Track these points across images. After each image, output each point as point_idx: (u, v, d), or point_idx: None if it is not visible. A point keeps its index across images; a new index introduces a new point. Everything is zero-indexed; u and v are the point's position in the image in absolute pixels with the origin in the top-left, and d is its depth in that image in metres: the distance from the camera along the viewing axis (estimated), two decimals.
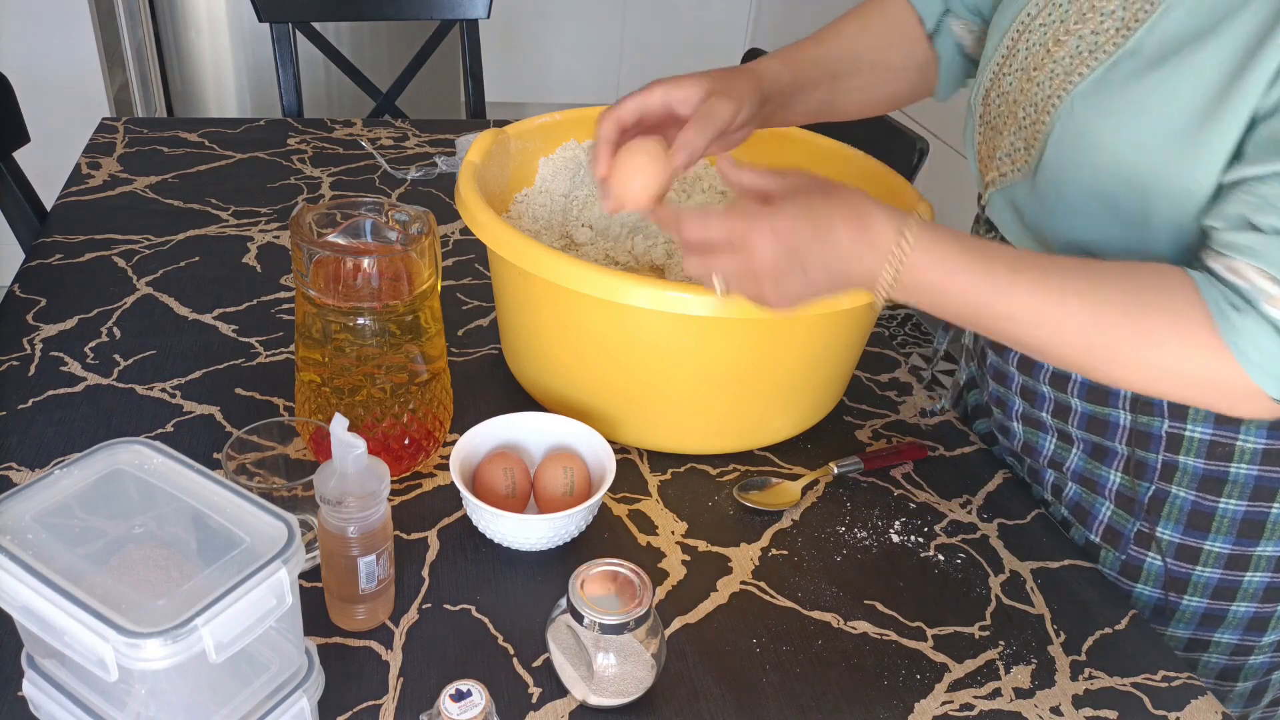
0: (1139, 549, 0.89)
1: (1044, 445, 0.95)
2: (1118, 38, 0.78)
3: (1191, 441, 0.84)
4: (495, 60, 3.72)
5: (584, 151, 1.18)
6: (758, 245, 0.71)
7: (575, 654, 0.71)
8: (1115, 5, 0.79)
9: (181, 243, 1.28)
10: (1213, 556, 0.86)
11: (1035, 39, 0.85)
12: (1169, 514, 0.86)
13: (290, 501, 0.79)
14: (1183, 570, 0.87)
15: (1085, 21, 0.81)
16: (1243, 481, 0.83)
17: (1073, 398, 0.89)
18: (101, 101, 2.58)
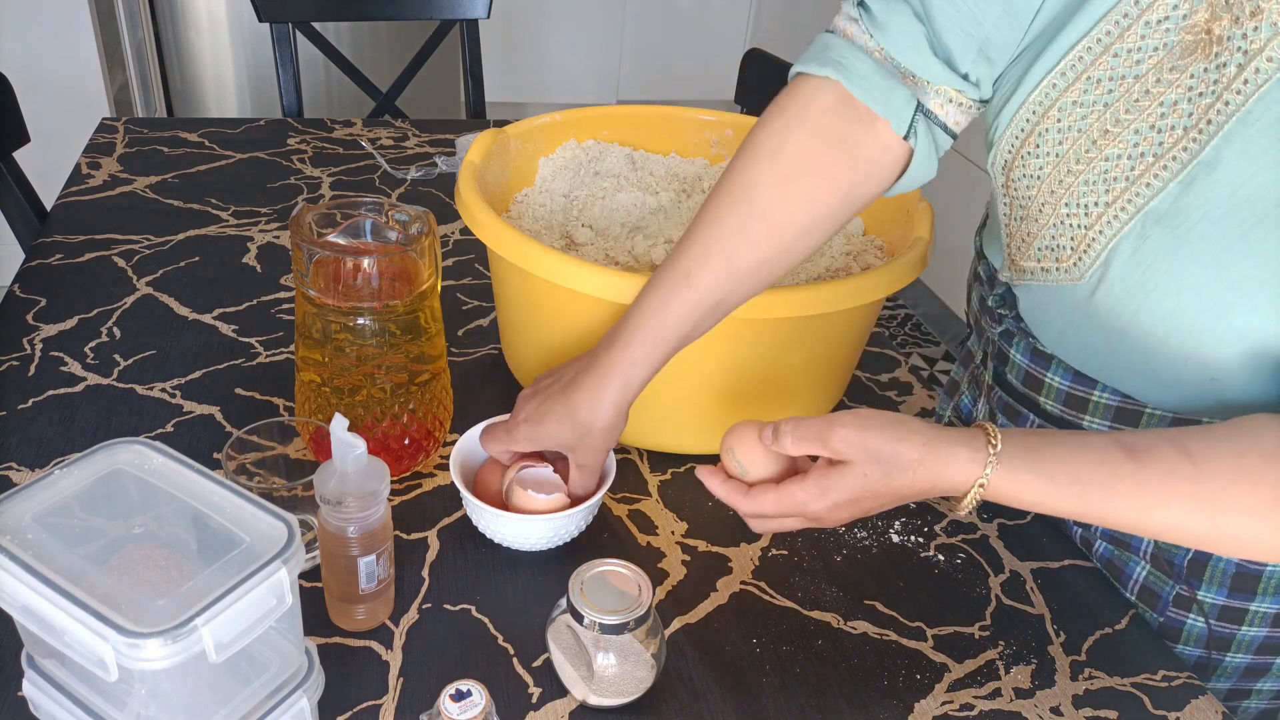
0: (1178, 611, 0.84)
1: None
2: (1186, 140, 0.68)
3: None
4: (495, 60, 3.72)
5: (584, 151, 1.18)
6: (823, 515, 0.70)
7: (575, 654, 0.71)
8: (1177, 94, 0.69)
9: (181, 243, 1.28)
10: (1259, 616, 0.82)
11: (1069, 121, 0.75)
12: (1211, 578, 0.81)
13: (290, 501, 0.79)
14: (1226, 631, 0.83)
15: (1139, 111, 0.70)
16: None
17: None
18: (101, 101, 2.58)
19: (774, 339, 0.91)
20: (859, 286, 0.88)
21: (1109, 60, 0.72)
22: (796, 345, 0.93)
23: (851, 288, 0.87)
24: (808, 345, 0.94)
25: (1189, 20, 0.68)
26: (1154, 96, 0.70)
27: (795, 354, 0.93)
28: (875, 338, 1.19)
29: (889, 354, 1.18)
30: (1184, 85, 0.68)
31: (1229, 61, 0.66)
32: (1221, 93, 0.66)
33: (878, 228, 1.10)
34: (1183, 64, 0.68)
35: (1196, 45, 0.67)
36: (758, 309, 0.84)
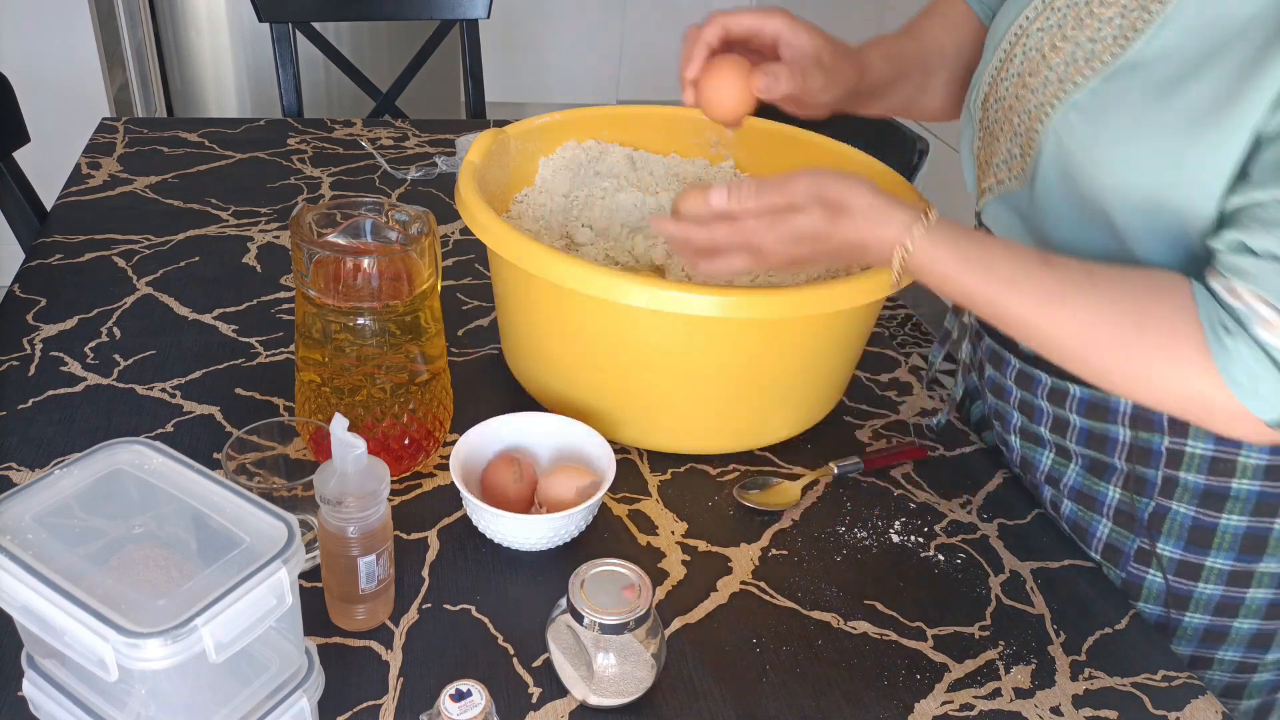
0: (1139, 566, 0.88)
1: (1041, 461, 0.94)
2: (1115, 47, 0.77)
3: (1193, 457, 0.83)
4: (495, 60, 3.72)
5: (584, 151, 1.18)
6: (767, 248, 0.78)
7: (575, 654, 0.71)
8: (1113, 13, 0.77)
9: (181, 243, 1.28)
10: (1214, 573, 0.85)
11: (1032, 44, 0.84)
12: (1169, 530, 0.86)
13: (290, 501, 0.79)
14: (1184, 587, 0.87)
15: (1082, 28, 0.80)
16: (1244, 497, 0.82)
17: (1071, 413, 0.88)
18: (101, 101, 2.58)
19: (774, 339, 0.91)
20: (859, 287, 0.88)
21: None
22: (797, 345, 0.93)
23: (851, 288, 0.87)
24: (808, 345, 0.94)
25: None
26: (1095, 16, 0.79)
27: (795, 354, 0.93)
28: (875, 338, 1.19)
29: (889, 354, 1.18)
30: (1119, 5, 0.77)
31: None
32: (1148, 4, 0.75)
33: None
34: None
35: None
36: (758, 309, 0.84)
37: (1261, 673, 0.90)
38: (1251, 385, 0.67)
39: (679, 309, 0.84)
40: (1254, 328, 0.67)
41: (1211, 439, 0.82)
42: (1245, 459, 0.81)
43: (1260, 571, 0.85)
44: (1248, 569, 0.85)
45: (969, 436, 1.05)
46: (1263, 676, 0.90)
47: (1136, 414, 0.84)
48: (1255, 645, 0.88)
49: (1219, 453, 0.82)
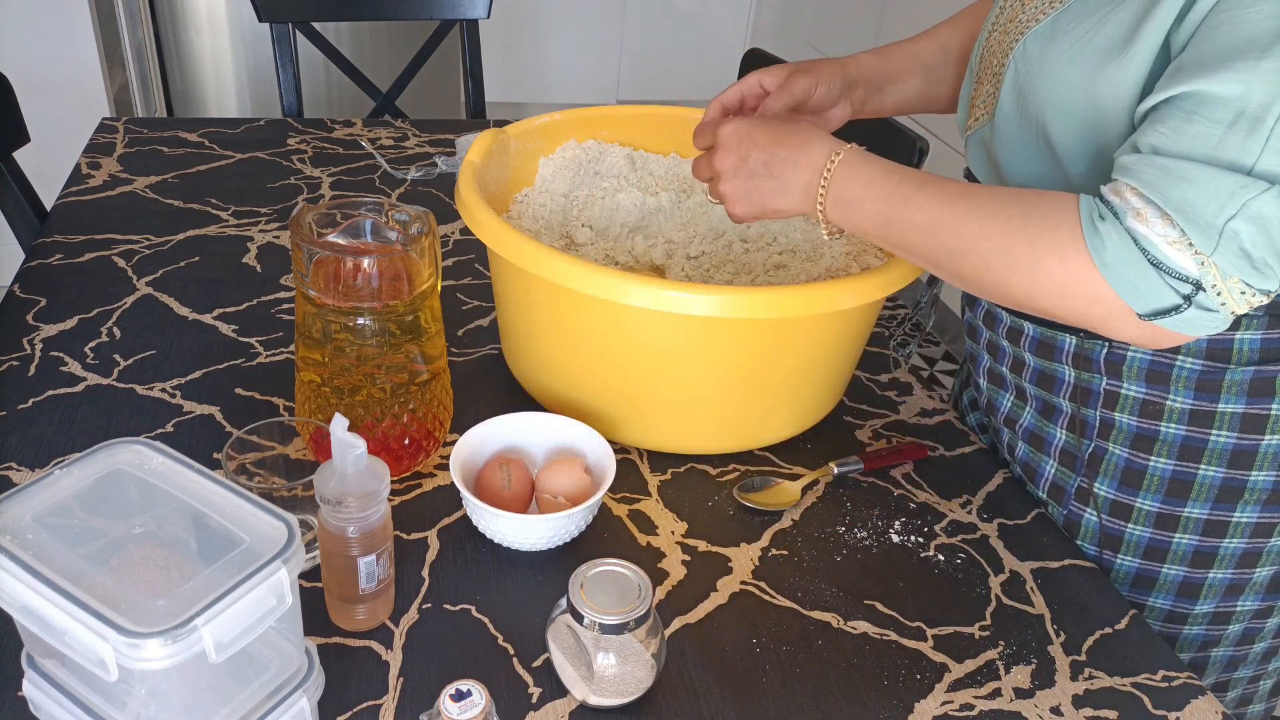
0: (1079, 505, 0.92)
1: (1002, 403, 0.99)
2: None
3: (1126, 399, 0.87)
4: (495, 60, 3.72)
5: (584, 151, 1.18)
6: (722, 144, 0.86)
7: (575, 654, 0.71)
8: None
9: (181, 243, 1.28)
10: (1143, 515, 0.89)
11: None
12: (1105, 470, 0.90)
13: (290, 501, 0.79)
14: (1116, 527, 0.90)
15: None
16: (1171, 440, 0.86)
17: (1025, 351, 0.93)
18: (101, 101, 2.58)
19: (774, 339, 0.91)
20: (859, 286, 0.88)
21: None
22: (796, 345, 0.93)
23: (851, 288, 0.87)
24: (808, 345, 0.94)
25: None
26: None
27: (795, 354, 0.93)
28: (875, 338, 1.19)
29: (889, 354, 1.18)
30: None
31: None
32: None
33: None
34: None
35: None
36: (758, 309, 0.84)
37: (1191, 625, 0.92)
38: (1120, 270, 0.69)
39: (679, 309, 0.84)
40: (1126, 219, 0.69)
41: (1143, 381, 0.86)
42: (1172, 403, 0.85)
43: (1185, 516, 0.88)
44: (1173, 513, 0.88)
45: (969, 436, 1.05)
46: (1193, 630, 0.92)
47: (1077, 353, 0.88)
48: (1184, 595, 0.91)
49: (1149, 396, 0.86)
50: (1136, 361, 0.86)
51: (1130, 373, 0.86)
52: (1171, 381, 0.85)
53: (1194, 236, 0.67)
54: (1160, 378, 0.85)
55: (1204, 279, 0.68)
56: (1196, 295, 0.68)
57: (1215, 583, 0.90)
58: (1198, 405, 0.84)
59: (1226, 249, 0.67)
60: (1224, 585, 0.90)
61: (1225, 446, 0.85)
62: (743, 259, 1.03)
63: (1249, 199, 0.66)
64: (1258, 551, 0.88)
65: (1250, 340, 0.82)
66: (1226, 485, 0.86)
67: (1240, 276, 0.68)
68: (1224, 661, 0.95)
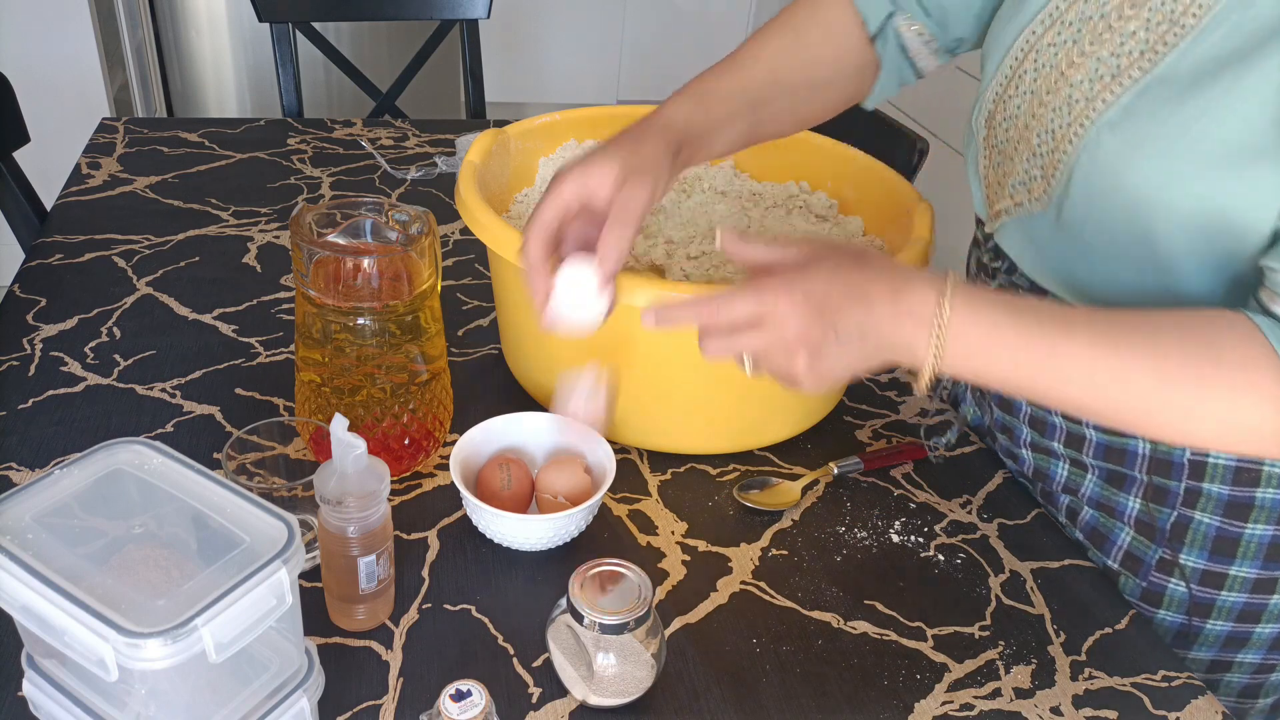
0: (1161, 575, 0.87)
1: (1057, 472, 0.93)
2: (1143, 61, 0.73)
3: (1216, 468, 0.81)
4: (495, 60, 3.72)
5: (584, 151, 1.18)
6: (786, 314, 0.66)
7: (575, 654, 0.71)
8: (1136, 25, 0.74)
9: (181, 243, 1.28)
10: (1239, 581, 0.84)
11: (1045, 60, 0.80)
12: (1193, 541, 0.84)
13: (290, 501, 0.79)
14: (1207, 595, 0.86)
15: (1102, 43, 0.76)
16: (1269, 506, 0.81)
17: (1087, 428, 0.87)
18: (101, 101, 2.58)
19: None
20: None
21: (1080, 5, 0.79)
22: None
23: None
24: None
25: None
26: (1115, 30, 0.76)
27: None
28: None
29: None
30: (1142, 19, 0.74)
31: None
32: (1179, 18, 0.72)
33: (878, 228, 1.10)
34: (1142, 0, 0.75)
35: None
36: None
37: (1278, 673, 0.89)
38: None
39: None
40: None
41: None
42: (1271, 468, 0.80)
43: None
44: (1272, 576, 0.84)
45: (969, 437, 1.04)
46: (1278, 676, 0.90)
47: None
48: (1276, 648, 0.87)
49: (1243, 463, 0.81)
50: None
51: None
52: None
53: None
54: None
55: None
56: None
57: None
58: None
59: None
60: None
61: None
62: None
63: None
64: None
65: None
66: None
67: None
68: None
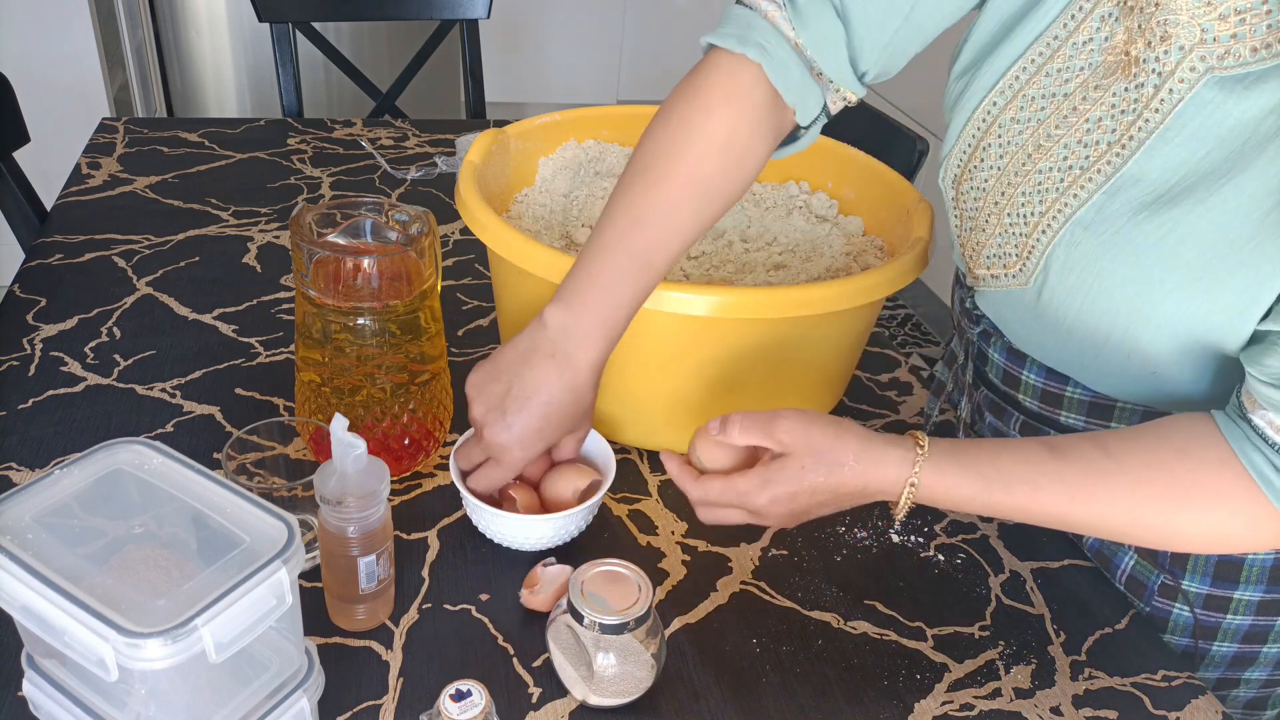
0: (1164, 600, 0.86)
1: None
2: (1111, 155, 0.73)
3: None
4: (495, 60, 3.71)
5: (584, 151, 1.18)
6: (763, 510, 0.74)
7: (575, 654, 0.71)
8: (1100, 112, 0.74)
9: (181, 243, 1.28)
10: (1243, 605, 0.83)
11: (1009, 137, 0.80)
12: (1194, 568, 0.83)
13: (290, 501, 0.79)
14: (1211, 620, 0.85)
15: (1069, 127, 0.76)
16: None
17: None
18: (101, 101, 2.58)
19: (774, 339, 0.91)
20: (859, 286, 0.88)
21: (1042, 80, 0.78)
22: (796, 345, 0.92)
23: (851, 288, 0.87)
24: (808, 345, 0.94)
25: (1109, 42, 0.73)
26: (1080, 113, 0.75)
27: (795, 354, 0.93)
28: (875, 338, 1.19)
29: (889, 354, 1.18)
30: (1107, 103, 0.74)
31: (1146, 82, 0.71)
32: (1142, 110, 0.71)
33: (878, 228, 1.10)
34: (1105, 83, 0.74)
35: (1117, 66, 0.73)
36: (758, 309, 0.84)
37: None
38: None
39: (679, 309, 0.84)
40: None
41: None
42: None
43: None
44: (1277, 599, 0.83)
45: None
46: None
47: None
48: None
49: None
50: None
51: None
52: None
53: None
54: None
55: None
56: None
57: None
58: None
59: None
60: None
61: None
62: (743, 259, 1.03)
63: None
64: None
65: None
66: None
67: None
68: None
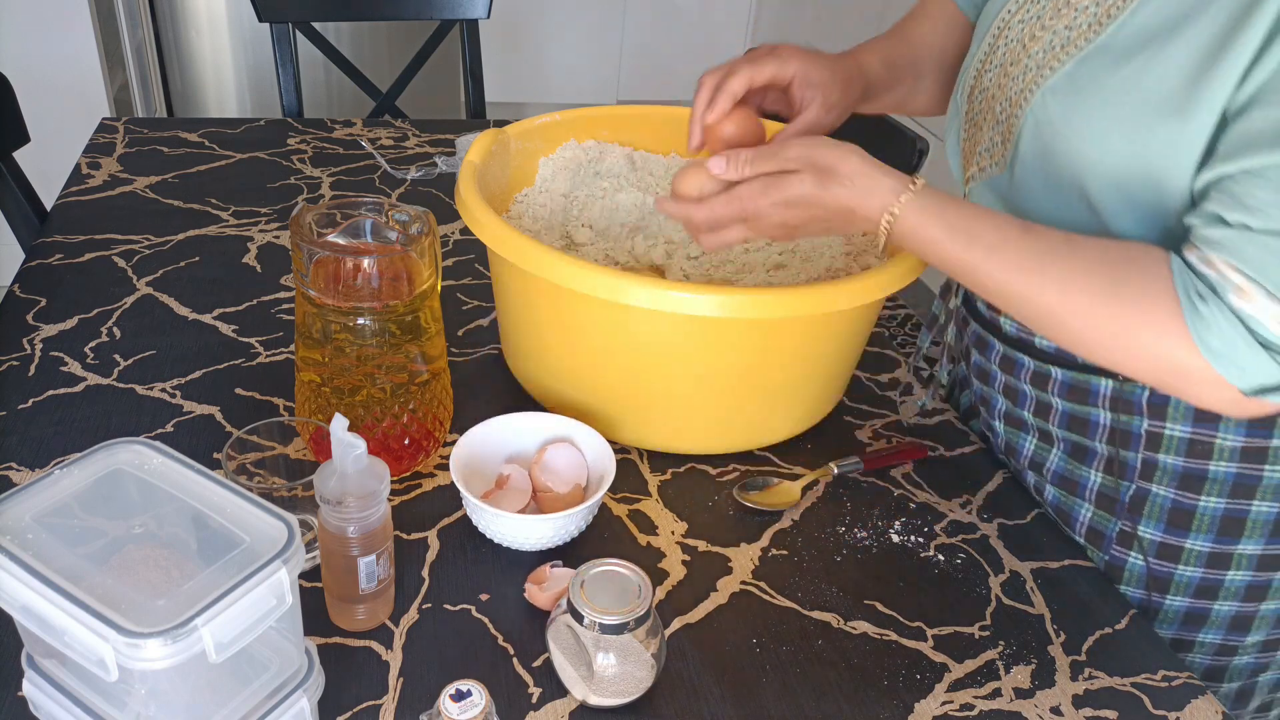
0: (1121, 549, 0.90)
1: (1024, 446, 0.96)
2: (1089, 33, 0.78)
3: (1171, 440, 0.84)
4: (495, 60, 3.72)
5: (584, 151, 1.18)
6: (763, 212, 0.79)
7: (575, 654, 0.71)
8: (1089, 1, 0.79)
9: (181, 243, 1.28)
10: (1194, 555, 0.87)
11: (1013, 35, 0.86)
12: (1150, 513, 0.87)
13: (290, 501, 0.79)
14: (1164, 569, 0.88)
15: (1060, 17, 0.82)
16: (1222, 479, 0.84)
17: (1053, 396, 0.90)
18: (101, 101, 2.58)
19: (774, 339, 0.91)
20: (859, 286, 0.88)
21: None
22: (797, 345, 0.93)
23: (851, 288, 0.87)
24: (808, 345, 0.94)
25: None
26: (1072, 4, 0.81)
27: (795, 354, 0.93)
28: (875, 338, 1.19)
29: (889, 354, 1.18)
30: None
31: None
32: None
33: None
34: None
35: None
36: (759, 309, 0.84)
37: (1242, 655, 0.91)
38: (1227, 352, 0.68)
39: (679, 309, 0.84)
40: (1228, 296, 0.68)
41: (1189, 421, 0.83)
42: (1222, 441, 0.83)
43: (1238, 553, 0.86)
44: (1226, 551, 0.86)
45: (969, 436, 1.05)
46: (1243, 659, 0.91)
47: (1116, 396, 0.86)
48: (1235, 628, 0.89)
49: (1196, 435, 0.83)
50: (1183, 402, 0.82)
51: (1176, 414, 0.83)
52: (1222, 420, 0.82)
53: None
54: (1209, 416, 0.82)
55: None
56: None
57: (1268, 613, 0.88)
58: (1250, 442, 0.82)
59: None
60: (1276, 615, 0.88)
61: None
62: (743, 259, 1.03)
63: None
64: None
65: None
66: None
67: None
68: (1271, 684, 0.94)
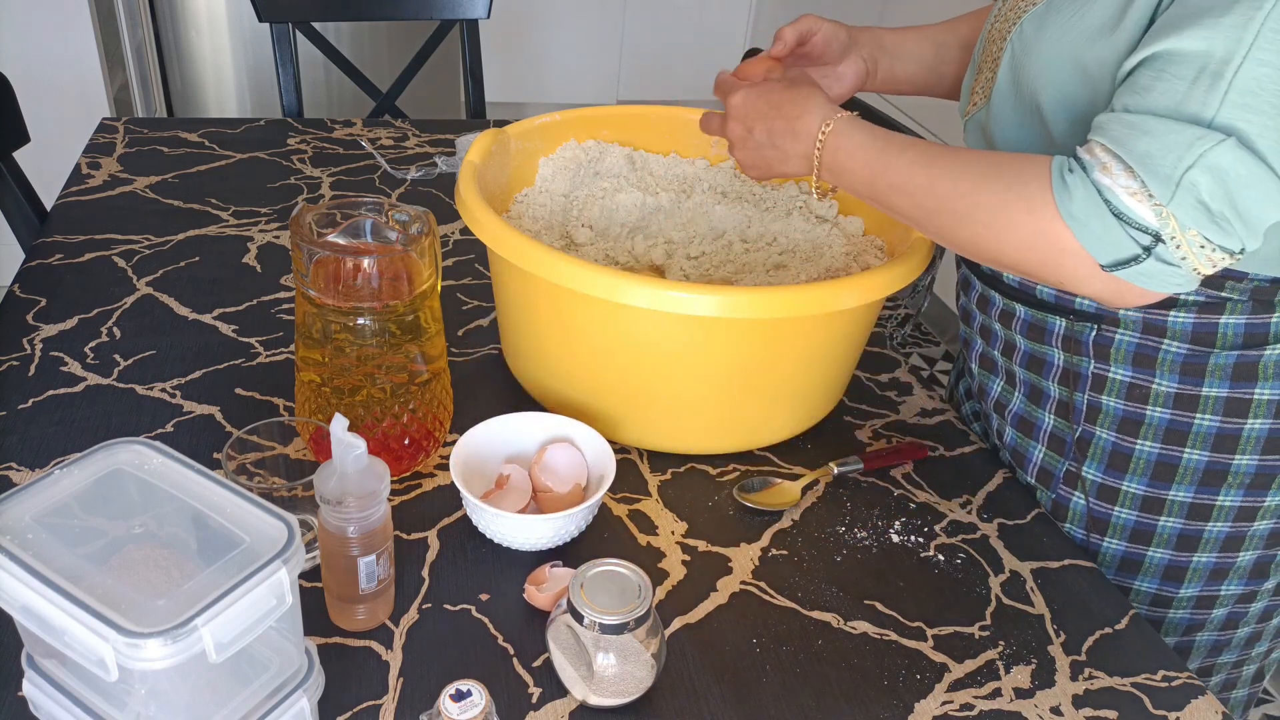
0: (1066, 488, 0.94)
1: (992, 388, 1.00)
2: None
3: (1114, 383, 0.88)
4: (495, 60, 3.72)
5: (584, 151, 1.18)
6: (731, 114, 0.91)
7: (575, 654, 0.71)
8: None
9: (181, 243, 1.28)
10: (1129, 498, 0.91)
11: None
12: (1093, 454, 0.92)
13: (290, 501, 0.79)
14: (1103, 510, 0.92)
15: None
16: (1156, 424, 0.87)
17: (1016, 334, 0.95)
18: (101, 101, 2.58)
19: (774, 339, 0.91)
20: (859, 286, 0.88)
21: None
22: (796, 345, 0.93)
23: (851, 288, 0.87)
24: (808, 345, 0.94)
25: None
26: None
27: (795, 354, 0.93)
28: (875, 338, 1.19)
29: (889, 354, 1.18)
30: None
31: None
32: None
33: (878, 228, 1.10)
34: None
35: None
36: (758, 309, 0.84)
37: (1177, 609, 0.93)
38: (1085, 221, 0.72)
39: (679, 309, 0.84)
40: (1093, 172, 0.72)
41: (1129, 365, 0.87)
42: (1158, 386, 0.87)
43: (1170, 499, 0.89)
44: (1159, 496, 0.89)
45: (969, 436, 1.05)
46: (1178, 613, 0.94)
47: (1067, 335, 0.90)
48: (1169, 578, 0.92)
49: (1135, 379, 0.87)
50: (1124, 345, 0.87)
51: (1118, 356, 0.88)
52: (1157, 365, 0.86)
53: (1153, 187, 0.69)
54: (1146, 361, 0.87)
55: (1163, 230, 0.70)
56: (1156, 247, 0.71)
57: (1200, 566, 0.91)
58: (1182, 389, 0.86)
59: (1184, 199, 0.69)
60: (1208, 569, 0.91)
61: (1209, 430, 0.86)
62: (743, 259, 1.03)
63: (1206, 150, 0.68)
64: (1241, 535, 0.89)
65: (1235, 325, 0.83)
66: (1210, 469, 0.87)
67: (1199, 230, 0.70)
68: (1208, 646, 0.96)
